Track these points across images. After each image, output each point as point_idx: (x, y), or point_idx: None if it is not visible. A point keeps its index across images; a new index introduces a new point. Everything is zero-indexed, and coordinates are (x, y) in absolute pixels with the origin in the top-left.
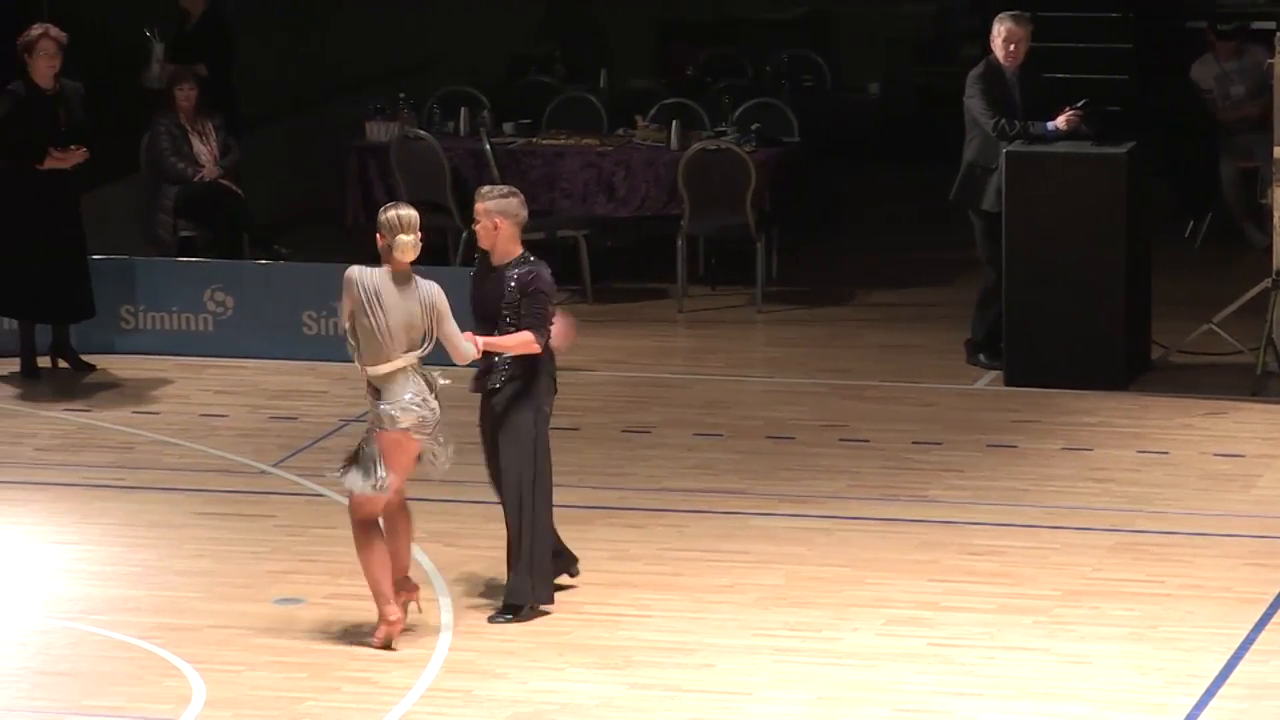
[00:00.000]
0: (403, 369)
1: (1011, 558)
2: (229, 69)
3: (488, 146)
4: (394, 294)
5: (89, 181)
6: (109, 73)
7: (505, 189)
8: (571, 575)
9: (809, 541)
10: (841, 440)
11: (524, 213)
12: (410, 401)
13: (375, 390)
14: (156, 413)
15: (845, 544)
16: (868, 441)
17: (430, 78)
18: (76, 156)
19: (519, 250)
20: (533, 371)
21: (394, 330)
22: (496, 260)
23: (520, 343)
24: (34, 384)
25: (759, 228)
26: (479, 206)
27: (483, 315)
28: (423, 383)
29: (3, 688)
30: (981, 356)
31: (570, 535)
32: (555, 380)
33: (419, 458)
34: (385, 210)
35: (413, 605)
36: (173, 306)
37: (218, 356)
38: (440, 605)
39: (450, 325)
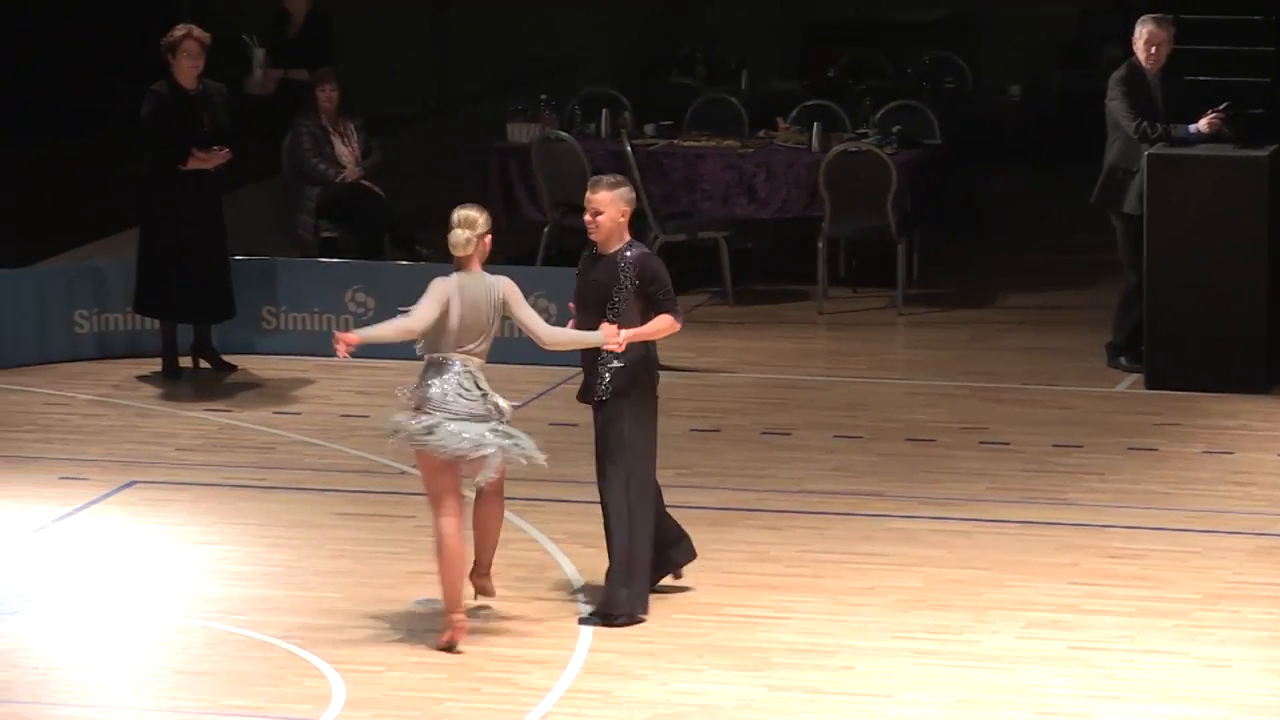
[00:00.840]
0: (445, 360)
1: (1152, 561)
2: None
3: (629, 148)
4: (461, 292)
5: (231, 182)
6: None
7: (614, 177)
8: (676, 576)
9: (948, 544)
10: (981, 443)
11: (634, 197)
12: (435, 382)
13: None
14: (297, 413)
15: (985, 547)
16: (1008, 444)
17: (572, 79)
18: (219, 157)
19: (628, 236)
20: (636, 380)
21: (452, 327)
22: (609, 248)
23: (663, 328)
24: (176, 384)
25: (900, 230)
26: (600, 196)
27: (591, 303)
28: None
29: (143, 687)
30: (1122, 359)
31: (709, 536)
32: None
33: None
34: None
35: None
36: (314, 307)
37: (358, 357)
38: (580, 607)
39: (525, 310)
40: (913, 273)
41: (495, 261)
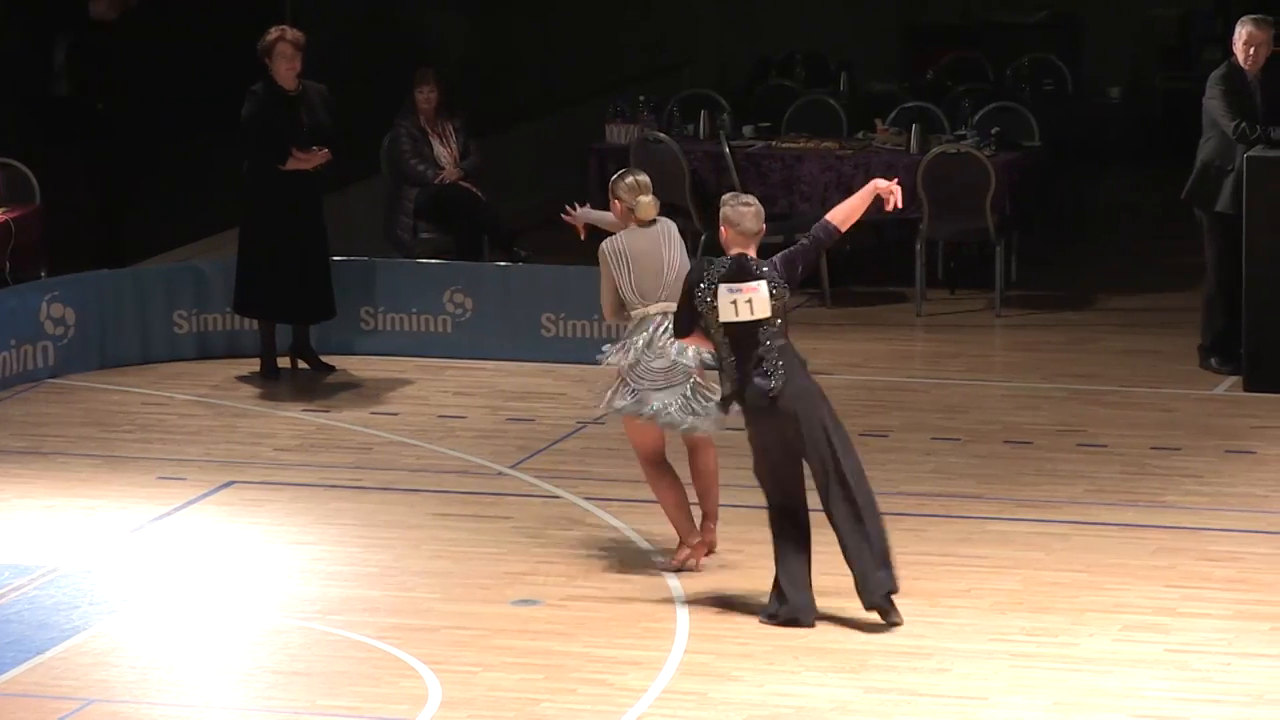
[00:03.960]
0: (646, 316)
1: (1250, 564)
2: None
3: (727, 149)
4: (641, 246)
5: (331, 182)
6: None
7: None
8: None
9: (1046, 546)
10: (1079, 445)
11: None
12: (634, 342)
13: None
14: (395, 414)
15: (1083, 549)
16: (1106, 446)
17: (675, 80)
18: (319, 158)
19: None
20: (802, 365)
21: (641, 280)
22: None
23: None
24: (274, 384)
25: (998, 232)
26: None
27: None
28: (665, 335)
29: (239, 687)
30: (1213, 361)
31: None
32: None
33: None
34: (622, 177)
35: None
36: (412, 308)
37: (456, 358)
38: (677, 608)
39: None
40: (1010, 275)
41: (594, 264)
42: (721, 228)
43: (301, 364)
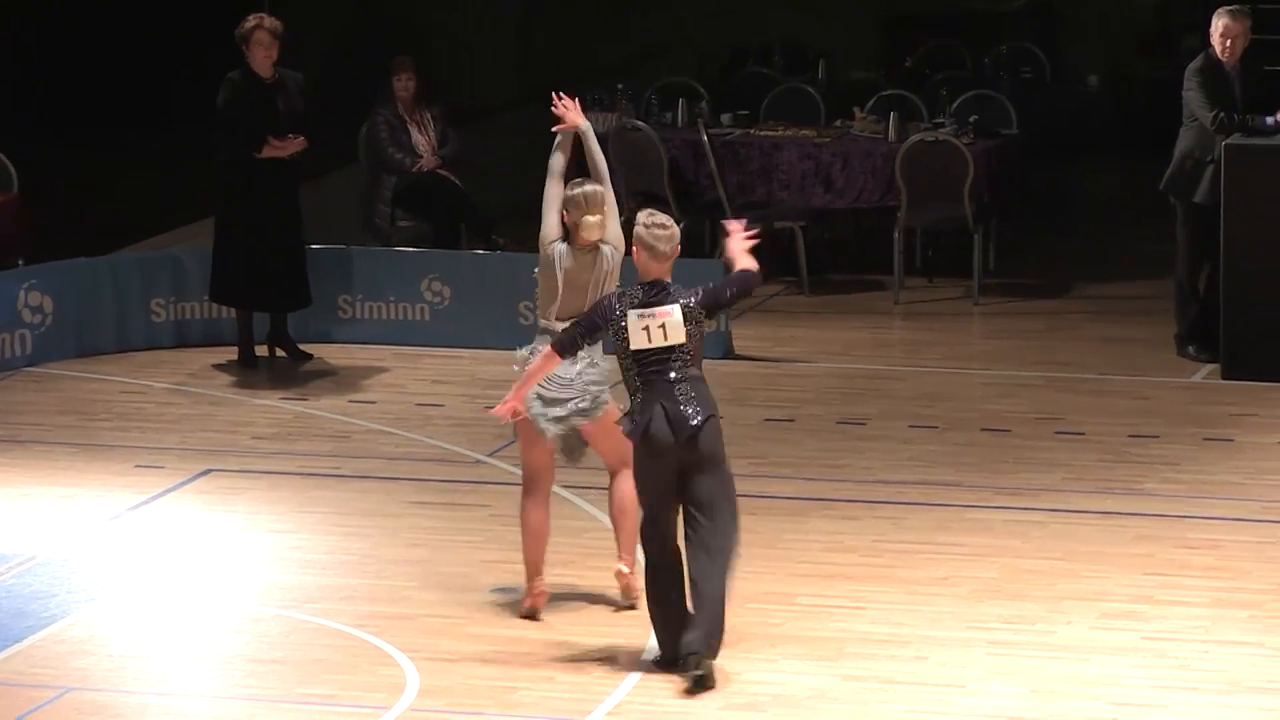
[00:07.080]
0: (550, 330)
1: (1227, 551)
2: None
3: (705, 137)
4: (574, 269)
5: (307, 171)
6: None
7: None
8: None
9: (1024, 534)
10: (1058, 433)
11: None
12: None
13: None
14: (373, 402)
15: (1060, 537)
16: (1084, 434)
17: (653, 68)
18: (294, 146)
19: None
20: (713, 403)
21: (564, 298)
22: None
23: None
24: (251, 372)
25: (976, 220)
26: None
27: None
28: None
29: (217, 675)
30: (1190, 349)
31: (785, 526)
32: None
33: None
34: (571, 187)
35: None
36: (390, 296)
37: (434, 346)
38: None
39: None
40: (989, 263)
41: None
42: (634, 248)
43: (279, 352)
